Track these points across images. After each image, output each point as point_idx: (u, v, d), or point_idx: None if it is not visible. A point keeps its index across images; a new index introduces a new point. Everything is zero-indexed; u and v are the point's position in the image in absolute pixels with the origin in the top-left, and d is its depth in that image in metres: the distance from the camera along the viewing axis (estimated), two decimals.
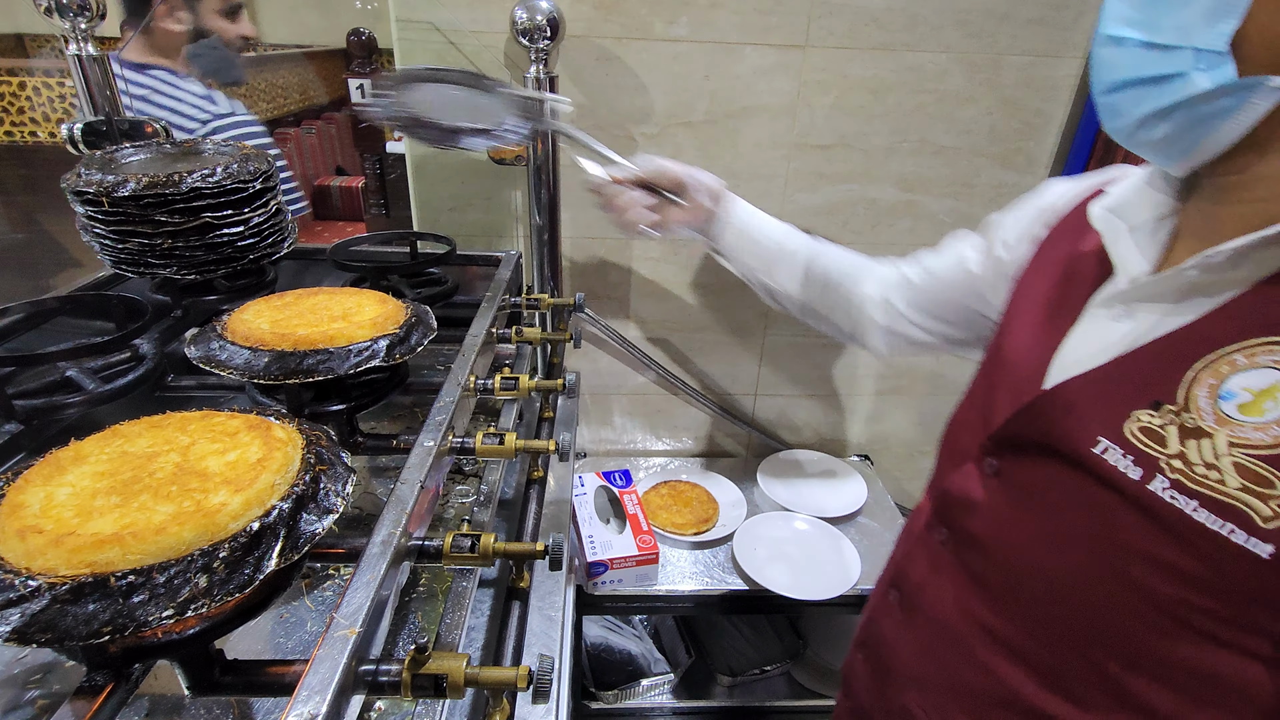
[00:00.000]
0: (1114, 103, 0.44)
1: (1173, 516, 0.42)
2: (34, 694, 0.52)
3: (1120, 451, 0.44)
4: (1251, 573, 0.39)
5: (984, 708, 0.56)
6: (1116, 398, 0.45)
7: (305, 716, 0.35)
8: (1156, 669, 0.46)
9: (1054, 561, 0.49)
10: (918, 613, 0.63)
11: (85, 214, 0.77)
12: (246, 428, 0.47)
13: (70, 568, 0.36)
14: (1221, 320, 0.42)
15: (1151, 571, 0.44)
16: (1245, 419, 0.40)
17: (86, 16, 0.97)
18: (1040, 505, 0.51)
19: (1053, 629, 0.51)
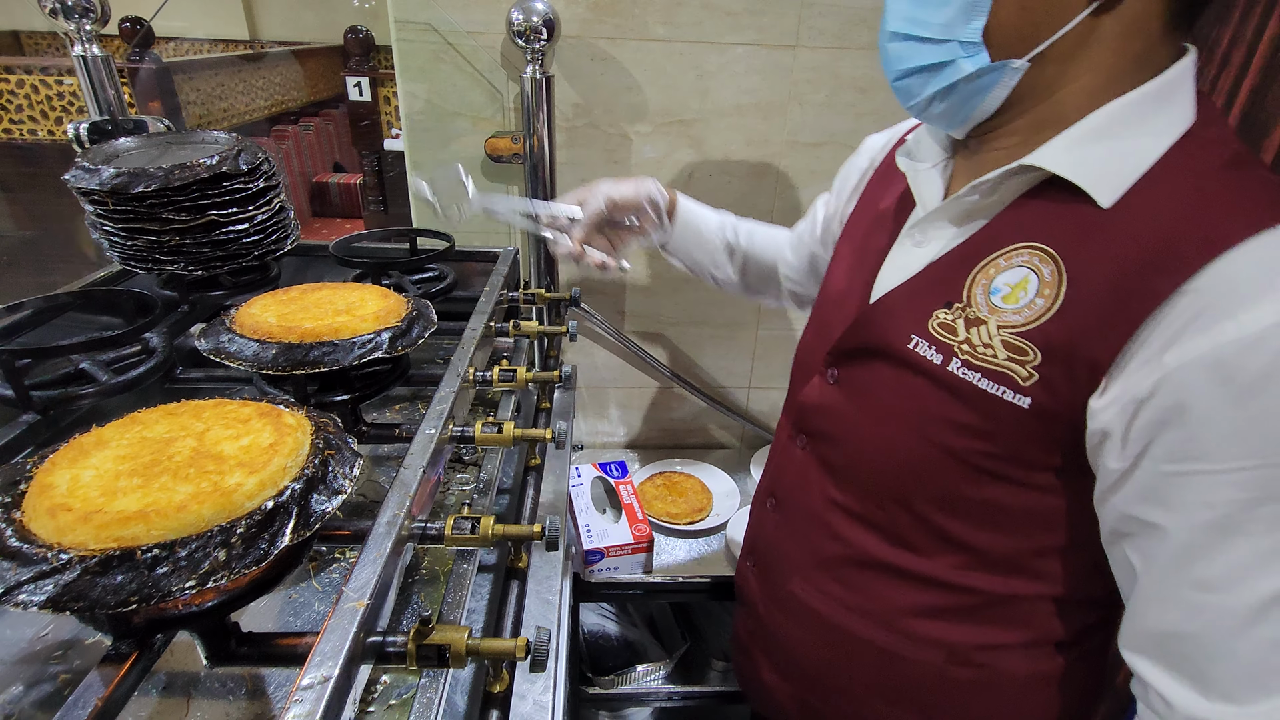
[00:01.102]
0: (905, 86, 0.55)
1: (965, 388, 0.53)
2: (56, 669, 0.55)
3: (927, 344, 0.56)
4: (1017, 421, 0.51)
5: (848, 573, 0.67)
6: (921, 303, 0.57)
7: (318, 679, 0.38)
8: (965, 509, 0.58)
9: (881, 437, 0.61)
10: (789, 509, 0.73)
11: (95, 212, 0.80)
12: (258, 415, 0.49)
13: (98, 542, 0.38)
14: (988, 234, 0.54)
15: (949, 431, 0.55)
16: (1006, 306, 0.51)
17: (91, 18, 0.99)
18: (870, 396, 0.62)
19: (886, 493, 0.62)
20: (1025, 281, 0.51)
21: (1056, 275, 0.49)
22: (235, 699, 0.55)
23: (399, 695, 0.56)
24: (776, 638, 0.78)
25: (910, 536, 0.62)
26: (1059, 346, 0.49)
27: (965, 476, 0.56)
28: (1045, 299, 0.49)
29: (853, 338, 0.63)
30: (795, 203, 1.29)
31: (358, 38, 2.74)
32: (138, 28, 2.38)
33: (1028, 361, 0.50)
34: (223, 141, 0.87)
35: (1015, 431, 0.52)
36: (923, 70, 0.52)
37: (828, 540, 0.68)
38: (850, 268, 0.69)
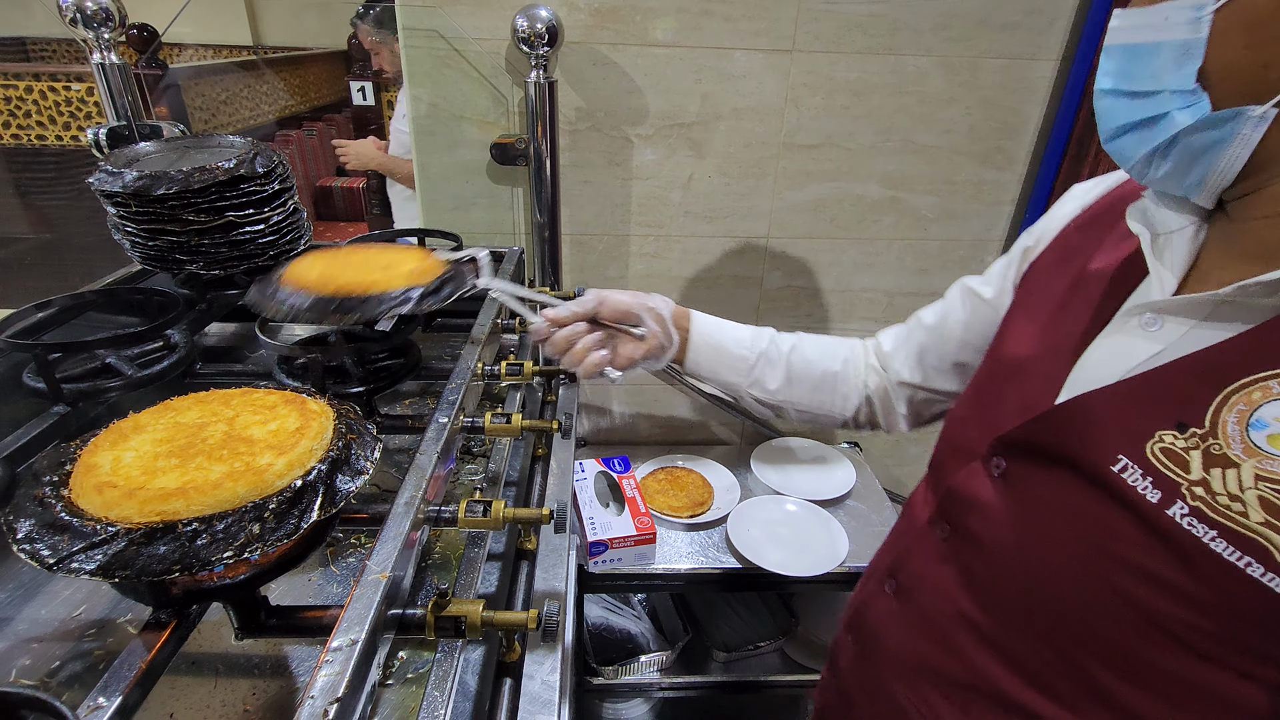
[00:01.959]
0: (1119, 148, 0.47)
1: (1187, 543, 0.41)
2: (90, 645, 0.58)
3: (1140, 472, 0.43)
4: (1265, 606, 0.39)
5: (967, 699, 0.57)
6: (1141, 415, 0.44)
7: (347, 642, 0.41)
8: (1140, 675, 0.47)
9: (1047, 563, 0.50)
10: (911, 603, 0.64)
11: (117, 214, 0.83)
12: (284, 401, 0.52)
13: (142, 516, 0.41)
14: (1256, 343, 0.41)
15: (1149, 588, 0.44)
16: (1275, 451, 0.39)
17: (110, 26, 1.02)
18: (1046, 512, 0.50)
19: (1036, 628, 0.51)
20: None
21: None
22: (260, 675, 0.57)
23: (415, 669, 0.59)
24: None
25: (1057, 684, 0.51)
26: None
27: (1154, 642, 0.45)
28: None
29: (1034, 433, 0.51)
30: (793, 204, 1.32)
31: (361, 43, 2.78)
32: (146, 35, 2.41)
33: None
34: (239, 145, 0.91)
35: (1254, 617, 0.40)
36: (1134, 127, 0.45)
37: (952, 659, 0.58)
38: (1041, 334, 0.55)
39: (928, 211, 1.35)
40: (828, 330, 1.47)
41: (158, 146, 0.91)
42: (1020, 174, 1.33)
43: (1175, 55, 0.41)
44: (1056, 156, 1.25)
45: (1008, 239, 1.39)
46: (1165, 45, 0.41)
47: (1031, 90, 1.25)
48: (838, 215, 1.34)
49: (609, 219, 1.31)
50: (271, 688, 0.56)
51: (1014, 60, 1.22)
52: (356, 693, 0.40)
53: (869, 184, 1.32)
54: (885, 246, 1.38)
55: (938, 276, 1.42)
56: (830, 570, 1.18)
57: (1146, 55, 0.42)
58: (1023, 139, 1.29)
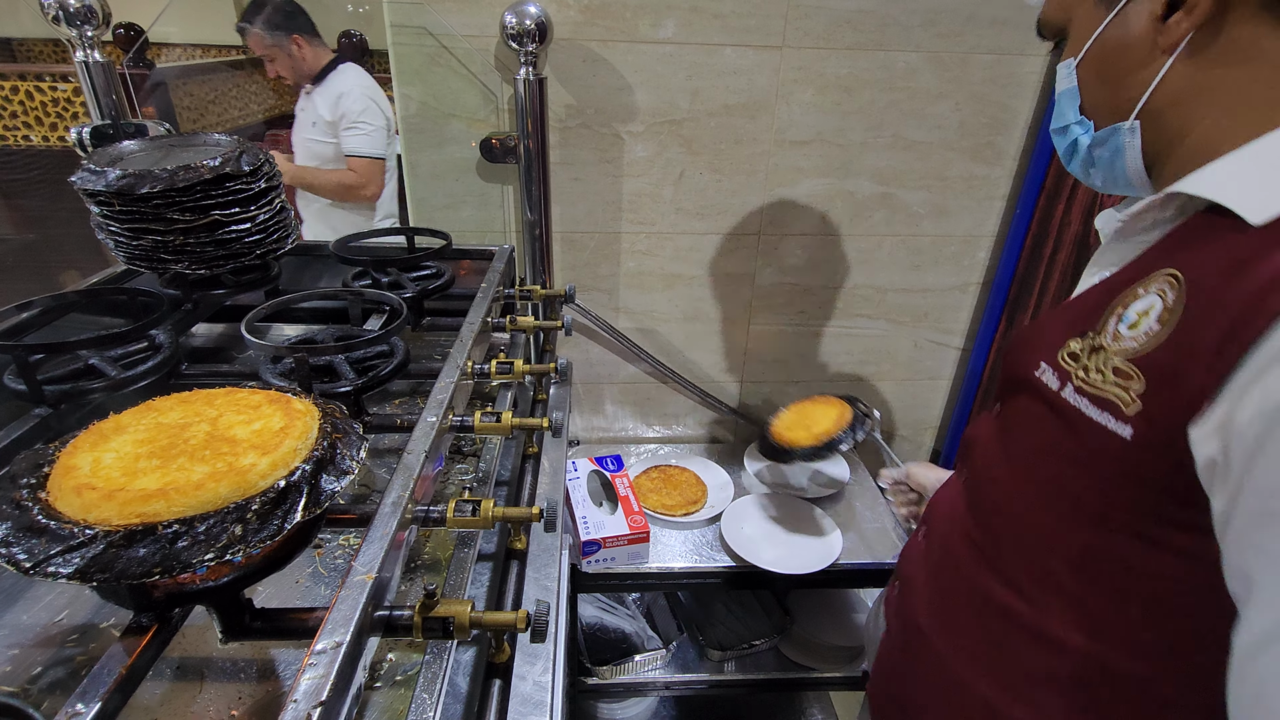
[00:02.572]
0: (1072, 169, 0.62)
1: (1071, 413, 0.52)
2: (72, 652, 0.57)
3: (1051, 371, 0.55)
4: (1120, 454, 0.48)
5: (976, 618, 0.65)
6: (1060, 331, 0.56)
7: (331, 645, 0.40)
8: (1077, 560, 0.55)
9: (1011, 473, 0.60)
10: (933, 540, 0.73)
11: (101, 213, 0.82)
12: (268, 401, 0.52)
13: (122, 519, 0.41)
14: (1139, 265, 0.53)
15: (1061, 464, 0.53)
16: (1127, 334, 0.49)
17: (93, 24, 1.01)
18: (1010, 430, 0.61)
19: (1010, 532, 0.60)
20: (1150, 308, 0.48)
21: (1178, 300, 0.46)
22: (246, 679, 0.57)
23: (404, 672, 0.58)
24: (903, 677, 0.75)
25: (1024, 582, 0.59)
26: (1162, 370, 0.46)
27: (1076, 519, 0.53)
28: (1162, 324, 0.47)
29: (1003, 367, 0.65)
30: (784, 200, 1.32)
31: (352, 42, 2.76)
32: (132, 34, 2.39)
33: (1132, 387, 0.47)
34: (224, 143, 0.90)
35: (1120, 467, 0.49)
36: (1066, 151, 0.60)
37: (956, 578, 0.66)
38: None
39: (919, 207, 1.35)
40: (821, 327, 1.46)
41: (142, 145, 0.90)
42: (1010, 169, 1.33)
43: (1069, 100, 0.58)
44: (1046, 151, 1.25)
45: (999, 234, 1.39)
46: (1063, 94, 0.58)
47: (1020, 85, 1.25)
48: (829, 211, 1.34)
49: (600, 216, 1.31)
50: (258, 692, 0.55)
51: (1003, 55, 1.22)
52: (341, 696, 0.39)
53: (860, 180, 1.31)
54: (877, 243, 1.38)
55: (930, 272, 1.42)
56: (824, 568, 1.18)
57: (1061, 102, 0.59)
58: (1013, 134, 1.29)
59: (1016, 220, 1.34)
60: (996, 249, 1.41)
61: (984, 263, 1.43)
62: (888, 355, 1.52)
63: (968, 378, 1.51)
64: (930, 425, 1.62)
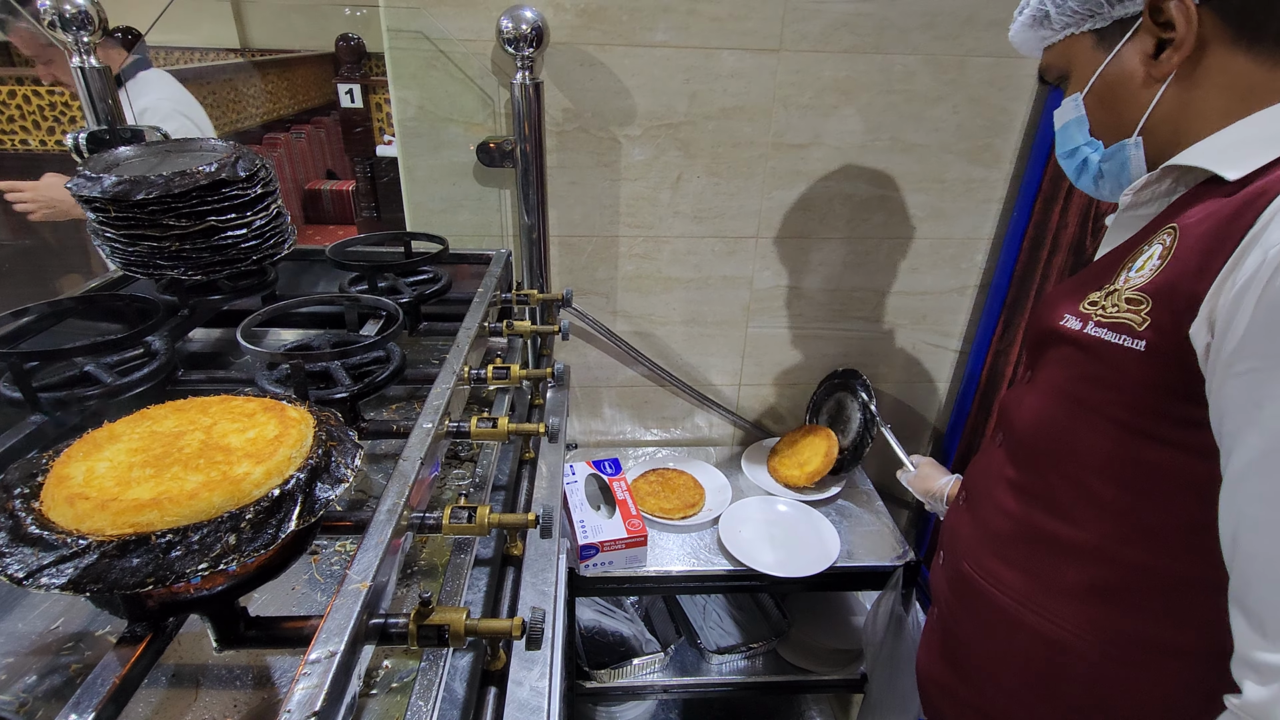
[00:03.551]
0: (1083, 185, 0.71)
1: (1093, 343, 0.61)
2: (67, 660, 0.57)
3: (1073, 317, 0.65)
4: (1138, 365, 0.58)
5: (1013, 549, 0.73)
6: (1082, 289, 0.66)
7: (325, 654, 0.40)
8: (1116, 472, 0.63)
9: (1040, 409, 0.69)
10: (974, 498, 0.80)
11: (97, 220, 0.82)
12: (263, 409, 0.52)
13: (115, 528, 0.40)
14: (1145, 231, 0.64)
15: (1087, 387, 0.63)
16: (1134, 275, 0.60)
17: (89, 30, 1.01)
18: (1040, 382, 0.70)
19: (1045, 461, 0.69)
20: (1153, 254, 0.59)
21: (1174, 240, 0.57)
22: (242, 687, 0.56)
23: (400, 679, 0.58)
24: (949, 626, 0.82)
25: (1068, 505, 0.67)
26: (1164, 289, 0.55)
27: (1108, 434, 0.62)
28: (1161, 259, 0.57)
29: (1032, 327, 0.74)
30: (782, 203, 1.32)
31: (349, 45, 2.76)
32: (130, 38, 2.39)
33: (1141, 309, 0.57)
34: (220, 149, 0.89)
35: (1138, 377, 0.58)
36: (1077, 169, 0.70)
37: (998, 516, 0.74)
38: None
39: (917, 210, 1.35)
40: (818, 330, 1.46)
41: (138, 151, 0.90)
42: (1008, 172, 1.33)
43: (1077, 126, 0.68)
44: (1043, 154, 1.25)
45: (996, 236, 1.39)
46: (1071, 123, 0.68)
47: (1018, 88, 1.25)
48: (827, 214, 1.34)
49: (597, 220, 1.31)
50: (254, 700, 0.55)
51: (1000, 58, 1.22)
52: (335, 706, 0.39)
53: (858, 183, 1.31)
54: (875, 245, 1.38)
55: (928, 275, 1.42)
56: (822, 571, 1.17)
57: (1068, 129, 0.69)
58: (1010, 137, 1.30)
59: (1014, 223, 1.34)
60: (994, 252, 1.41)
61: (981, 265, 1.43)
62: (885, 358, 1.52)
63: (965, 380, 1.51)
64: (927, 427, 1.62)
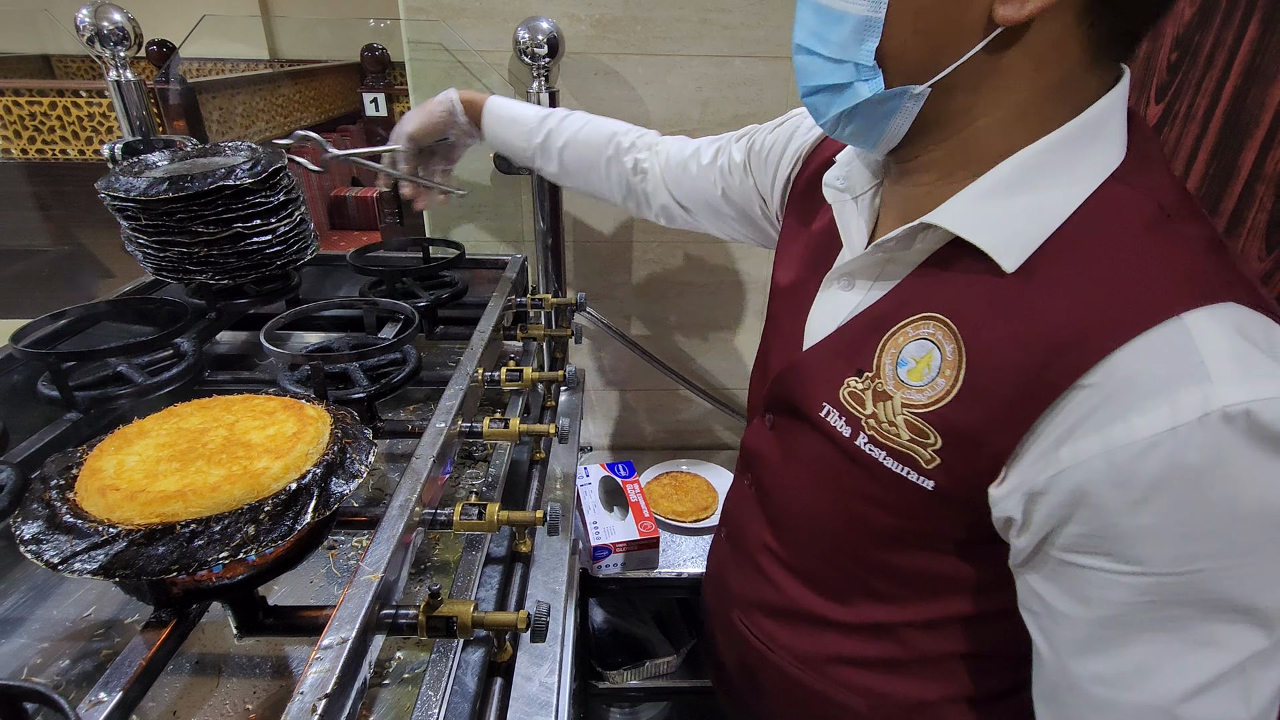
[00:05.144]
0: (813, 104, 0.51)
1: (869, 463, 0.52)
2: (98, 645, 0.59)
3: (837, 414, 0.55)
4: (921, 501, 0.50)
5: (779, 617, 0.68)
6: (835, 368, 0.55)
7: (337, 640, 0.42)
8: (887, 571, 0.57)
9: (805, 494, 0.61)
10: (735, 544, 0.75)
11: (130, 227, 0.85)
12: (282, 407, 0.54)
13: (143, 518, 0.43)
14: (899, 296, 0.52)
15: (864, 503, 0.54)
16: (911, 383, 0.49)
17: (126, 45, 1.05)
18: (797, 456, 0.61)
19: (811, 546, 0.63)
20: (929, 357, 0.49)
21: (957, 354, 0.47)
22: (261, 675, 0.59)
23: (411, 670, 0.60)
24: (721, 661, 0.81)
25: (835, 588, 0.62)
26: (958, 432, 0.47)
27: (883, 545, 0.56)
28: (946, 380, 0.47)
29: (778, 390, 0.63)
30: None
31: (374, 55, 2.82)
32: (165, 50, 2.47)
33: (929, 445, 0.48)
34: (245, 154, 0.93)
35: (924, 511, 0.51)
36: (826, 89, 0.49)
37: (762, 583, 0.69)
38: (789, 291, 0.66)
39: None
40: None
41: (168, 158, 0.94)
42: None
43: (857, 29, 0.45)
44: None
45: None
46: (850, 17, 0.45)
47: None
48: None
49: (612, 226, 1.33)
50: (272, 687, 0.58)
51: None
52: (346, 690, 0.41)
53: None
54: None
55: None
56: None
57: (835, 22, 0.46)
58: None
59: None
60: None
61: None
62: None
63: None
64: None
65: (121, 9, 1.03)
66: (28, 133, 2.63)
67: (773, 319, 0.70)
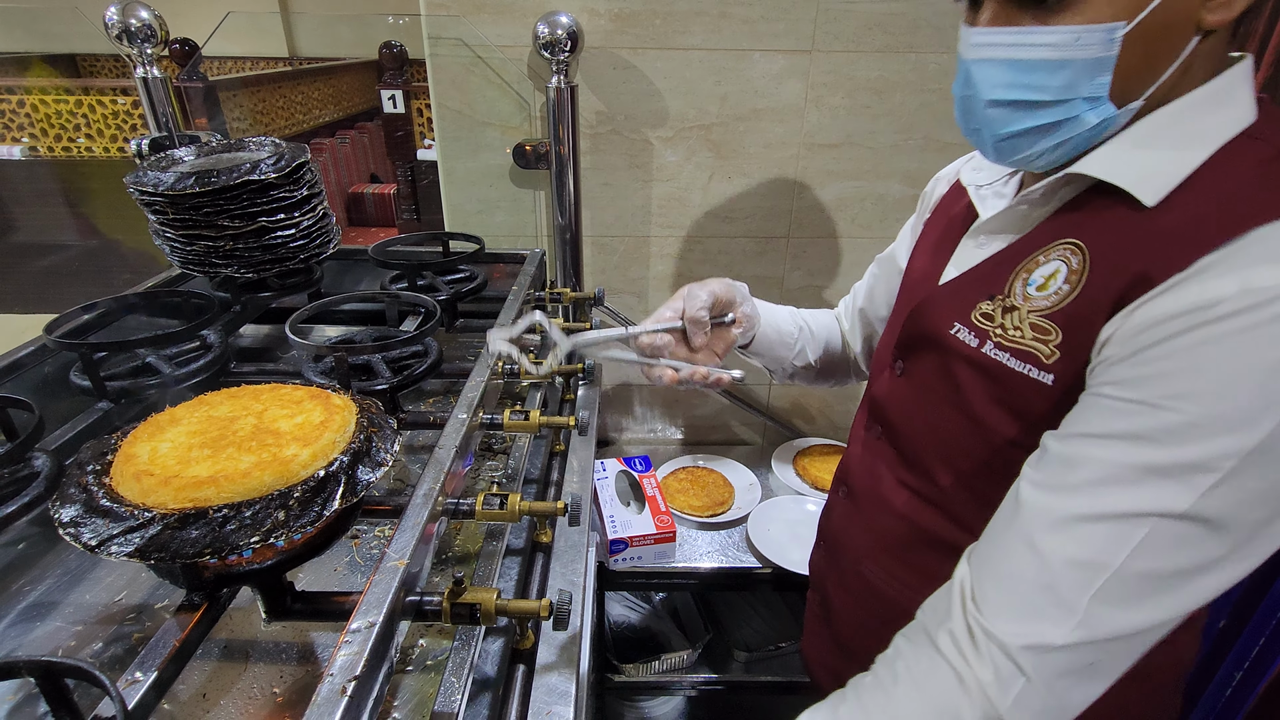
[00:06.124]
0: (1011, 146, 0.55)
1: (994, 366, 0.57)
2: (130, 629, 0.61)
3: (967, 330, 0.60)
4: (1043, 397, 0.54)
5: (913, 554, 0.71)
6: (969, 295, 0.61)
7: (365, 624, 0.42)
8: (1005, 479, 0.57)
9: (935, 419, 0.65)
10: (860, 496, 0.77)
11: (157, 221, 0.87)
12: (309, 397, 0.55)
13: (176, 503, 0.44)
14: (1038, 235, 0.57)
15: (987, 409, 0.59)
16: (1037, 294, 0.55)
17: (152, 42, 1.07)
18: (926, 383, 0.66)
19: (942, 471, 0.66)
20: (1056, 272, 0.54)
21: (1082, 263, 0.52)
22: (288, 660, 0.60)
23: (434, 657, 0.61)
24: (845, 620, 0.81)
25: (966, 514, 0.64)
26: (1076, 322, 0.51)
27: (1002, 449, 0.59)
28: (1070, 284, 0.52)
29: (910, 326, 0.67)
30: (814, 203, 1.32)
31: (392, 52, 2.84)
32: (188, 49, 2.51)
33: (1050, 340, 0.53)
34: (269, 149, 0.94)
35: (1041, 408, 0.54)
36: (1034, 131, 0.53)
37: (894, 521, 0.71)
38: (921, 268, 0.72)
39: None
40: None
41: (194, 153, 0.96)
42: None
43: (1087, 70, 0.49)
44: None
45: None
46: (1073, 63, 0.49)
47: None
48: (859, 214, 1.34)
49: (630, 221, 1.33)
50: (299, 672, 0.58)
51: None
52: (374, 672, 0.41)
53: (891, 183, 1.31)
54: None
55: None
56: None
57: (1054, 70, 0.50)
58: None
59: None
60: None
61: None
62: None
63: None
64: None
65: (148, 6, 1.05)
66: (54, 130, 2.68)
67: (905, 289, 0.75)
